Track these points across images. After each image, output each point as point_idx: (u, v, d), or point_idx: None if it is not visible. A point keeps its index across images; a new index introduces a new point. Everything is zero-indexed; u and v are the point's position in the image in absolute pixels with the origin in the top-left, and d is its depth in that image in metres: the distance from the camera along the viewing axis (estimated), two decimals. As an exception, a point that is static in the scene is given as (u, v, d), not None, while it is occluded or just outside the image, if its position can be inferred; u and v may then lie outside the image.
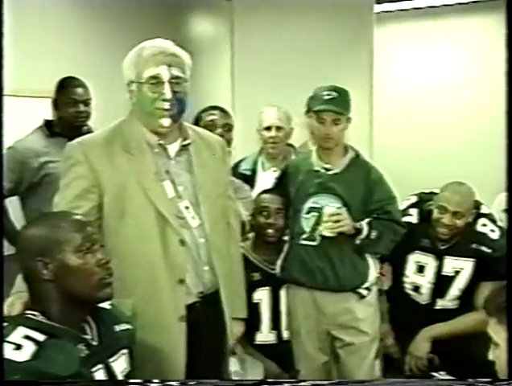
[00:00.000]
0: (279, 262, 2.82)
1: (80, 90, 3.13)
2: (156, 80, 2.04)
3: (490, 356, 1.60)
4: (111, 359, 1.71)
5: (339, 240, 2.64)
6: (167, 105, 2.06)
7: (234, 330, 2.32)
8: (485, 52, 5.06)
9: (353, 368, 2.73)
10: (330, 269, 2.69)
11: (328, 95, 2.62)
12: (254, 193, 3.13)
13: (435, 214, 2.79)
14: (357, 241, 2.64)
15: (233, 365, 2.59)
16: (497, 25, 5.06)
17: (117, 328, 1.79)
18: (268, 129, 3.47)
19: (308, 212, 2.71)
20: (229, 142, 2.92)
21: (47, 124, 3.15)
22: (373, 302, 2.77)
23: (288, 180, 2.84)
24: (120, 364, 1.74)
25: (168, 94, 2.05)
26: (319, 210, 2.67)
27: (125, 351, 1.78)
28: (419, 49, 5.19)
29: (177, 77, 2.07)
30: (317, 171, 2.73)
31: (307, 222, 2.71)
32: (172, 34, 2.36)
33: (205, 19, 5.48)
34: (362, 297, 2.72)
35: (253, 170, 3.49)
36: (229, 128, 3.06)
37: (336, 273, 2.69)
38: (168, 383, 1.80)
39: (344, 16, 4.36)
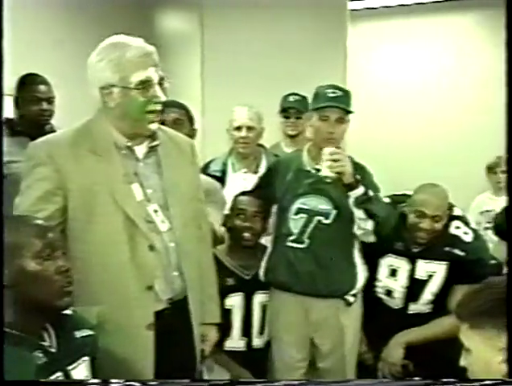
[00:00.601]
0: (263, 265, 2.75)
1: (42, 87, 3.05)
2: (147, 84, 1.99)
3: (462, 362, 1.57)
4: (71, 367, 1.68)
5: (328, 241, 2.60)
6: (158, 108, 2.02)
7: (208, 335, 2.30)
8: (459, 50, 5.08)
9: (334, 375, 2.67)
10: (319, 274, 2.62)
11: (333, 93, 2.59)
12: (227, 195, 3.04)
13: (412, 218, 2.75)
14: (356, 195, 2.51)
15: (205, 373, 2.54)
16: (472, 23, 5.09)
17: (78, 334, 1.75)
18: (239, 128, 3.42)
19: (297, 213, 2.64)
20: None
21: (8, 122, 3.04)
22: (357, 309, 2.73)
23: (275, 179, 2.76)
24: (80, 372, 1.71)
25: (162, 96, 2.02)
26: (308, 211, 2.61)
27: (86, 358, 1.74)
28: (394, 47, 5.19)
29: (162, 78, 2.04)
30: (308, 172, 2.67)
31: (295, 223, 2.65)
32: (139, 30, 2.27)
33: (174, 16, 5.40)
34: (349, 303, 2.67)
35: (223, 172, 3.42)
36: (180, 122, 2.93)
37: (325, 277, 2.63)
38: (130, 383, 1.75)
39: (317, 14, 4.33)
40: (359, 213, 2.53)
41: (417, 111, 5.02)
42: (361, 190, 2.51)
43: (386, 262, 2.84)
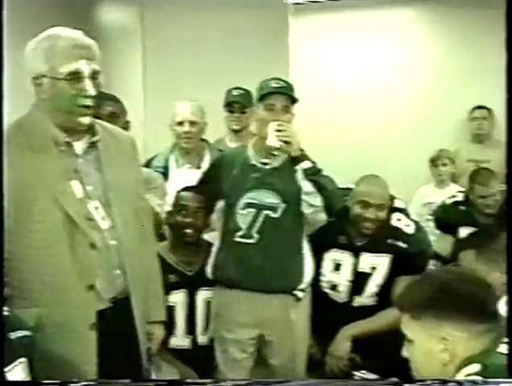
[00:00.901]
0: (211, 262, 2.71)
1: None
2: (76, 76, 1.93)
3: (404, 353, 1.59)
4: (6, 369, 1.63)
5: (278, 236, 2.58)
6: (88, 102, 1.97)
7: (154, 333, 2.27)
8: (401, 45, 5.15)
9: (284, 371, 2.65)
10: (269, 269, 2.60)
11: (277, 83, 2.60)
12: (170, 191, 3.01)
13: (356, 209, 2.77)
14: (304, 168, 2.50)
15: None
16: (414, 17, 5.16)
17: (13, 336, 1.70)
18: (181, 123, 3.37)
19: (244, 208, 2.61)
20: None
21: None
22: (306, 304, 2.71)
23: (219, 175, 2.72)
24: (16, 374, 1.66)
25: (91, 91, 1.96)
26: (256, 206, 2.60)
27: (23, 359, 1.69)
28: (339, 41, 5.22)
29: (96, 72, 1.98)
30: (254, 166, 2.65)
31: (243, 218, 2.61)
32: (80, 24, 2.22)
33: (116, 10, 5.29)
34: (298, 299, 2.65)
35: (166, 167, 3.38)
36: (116, 116, 2.85)
37: (275, 272, 2.60)
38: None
39: (259, 8, 4.30)
40: (308, 187, 2.51)
41: (360, 105, 5.05)
42: (308, 163, 2.51)
43: (330, 256, 2.85)
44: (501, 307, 1.88)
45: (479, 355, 1.45)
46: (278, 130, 2.47)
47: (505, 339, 1.88)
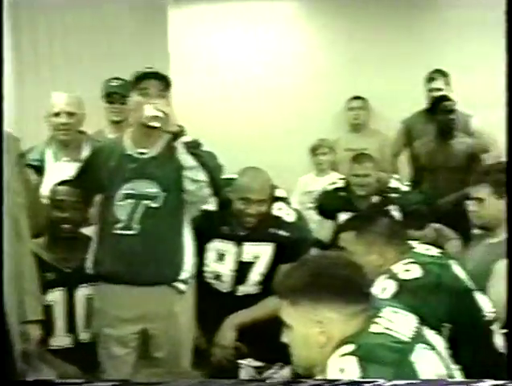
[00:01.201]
0: (90, 257, 2.61)
1: None
2: None
3: (284, 339, 1.61)
4: None
5: (159, 226, 2.54)
6: None
7: (31, 334, 2.21)
8: (281, 36, 5.23)
9: (169, 364, 2.61)
10: (150, 261, 2.53)
11: (149, 68, 2.57)
12: (47, 185, 2.90)
13: (238, 204, 2.78)
14: (184, 141, 2.47)
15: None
16: (295, 10, 5.24)
17: None
18: (57, 115, 3.27)
19: (123, 199, 2.53)
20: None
21: None
22: (190, 296, 2.67)
23: (96, 167, 2.64)
24: None
25: None
26: (135, 196, 2.53)
27: None
28: (220, 31, 5.23)
29: None
30: (130, 156, 2.58)
31: (122, 210, 2.53)
32: None
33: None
34: (181, 291, 2.61)
35: (42, 161, 3.26)
36: None
37: (156, 264, 2.54)
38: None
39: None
40: (189, 161, 2.47)
41: (242, 95, 5.09)
42: (189, 137, 2.49)
43: (213, 247, 2.85)
44: (374, 289, 1.96)
45: (353, 335, 1.49)
46: (154, 103, 2.44)
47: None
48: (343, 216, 3.47)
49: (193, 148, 2.48)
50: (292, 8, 5.26)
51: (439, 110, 4.19)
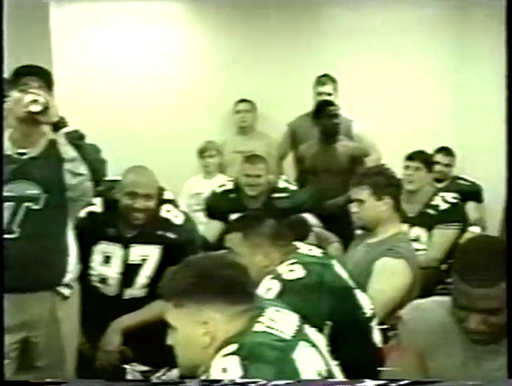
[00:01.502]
0: None
1: None
2: None
3: (169, 341, 1.61)
4: None
5: (40, 229, 2.45)
6: None
7: None
8: (170, 36, 5.20)
9: (53, 371, 2.52)
10: (31, 266, 2.44)
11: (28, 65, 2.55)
12: None
13: (125, 201, 2.75)
14: (65, 131, 2.40)
15: None
16: (184, 10, 5.22)
17: None
18: None
19: (3, 202, 2.43)
20: None
21: None
22: (74, 300, 2.61)
23: None
24: None
25: None
26: (15, 198, 2.44)
27: None
28: (105, 30, 5.13)
29: None
30: (9, 156, 2.48)
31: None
32: None
33: None
34: (65, 296, 2.54)
35: None
36: None
37: (37, 269, 2.45)
38: None
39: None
40: (71, 153, 2.40)
41: (127, 96, 5.02)
42: (71, 128, 2.43)
43: (99, 249, 2.81)
44: (259, 289, 2.00)
45: (236, 335, 1.51)
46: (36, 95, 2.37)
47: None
48: (233, 217, 3.50)
49: (75, 139, 2.42)
50: (179, 9, 5.24)
51: (323, 114, 4.30)
